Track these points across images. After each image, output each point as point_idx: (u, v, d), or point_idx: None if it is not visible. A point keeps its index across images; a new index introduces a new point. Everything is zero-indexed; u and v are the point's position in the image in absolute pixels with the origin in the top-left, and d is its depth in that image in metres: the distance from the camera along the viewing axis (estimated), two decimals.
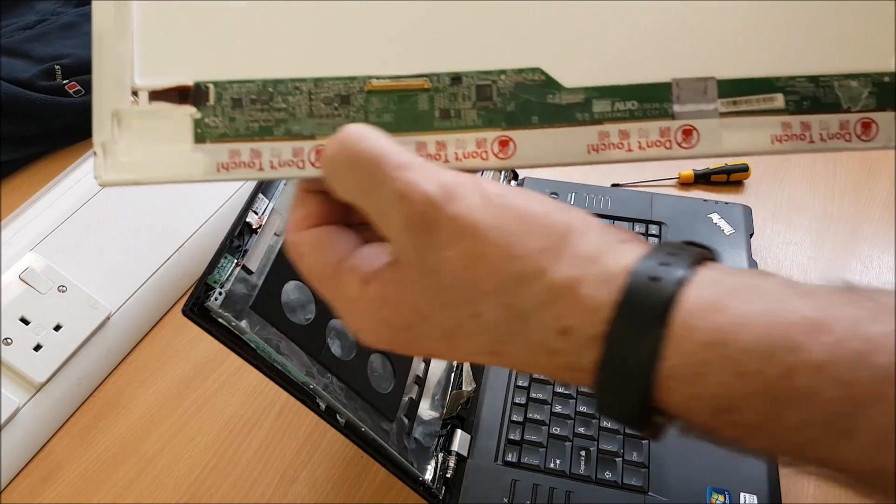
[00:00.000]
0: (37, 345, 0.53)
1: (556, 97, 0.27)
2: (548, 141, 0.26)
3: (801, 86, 0.27)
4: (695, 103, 0.27)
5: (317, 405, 0.40)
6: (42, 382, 0.53)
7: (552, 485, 0.46)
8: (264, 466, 0.52)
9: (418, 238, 0.23)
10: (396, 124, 0.26)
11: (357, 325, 0.25)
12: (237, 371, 0.58)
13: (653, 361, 0.21)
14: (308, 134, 0.26)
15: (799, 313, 0.20)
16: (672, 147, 0.27)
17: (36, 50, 0.76)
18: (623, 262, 0.22)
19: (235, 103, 0.26)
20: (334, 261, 0.25)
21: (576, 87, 0.27)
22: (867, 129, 0.27)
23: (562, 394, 0.51)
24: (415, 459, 0.45)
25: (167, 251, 0.62)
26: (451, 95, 0.26)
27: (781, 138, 0.27)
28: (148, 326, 0.62)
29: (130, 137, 0.25)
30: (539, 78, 0.27)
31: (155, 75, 0.26)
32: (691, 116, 0.27)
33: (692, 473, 0.46)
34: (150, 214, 0.61)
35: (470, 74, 0.27)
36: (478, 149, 0.26)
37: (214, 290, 0.37)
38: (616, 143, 0.26)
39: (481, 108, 0.26)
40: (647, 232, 0.62)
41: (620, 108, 0.27)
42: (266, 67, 0.26)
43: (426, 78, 0.26)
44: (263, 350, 0.38)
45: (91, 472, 0.52)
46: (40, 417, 0.53)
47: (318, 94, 0.26)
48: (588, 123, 0.26)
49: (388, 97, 0.26)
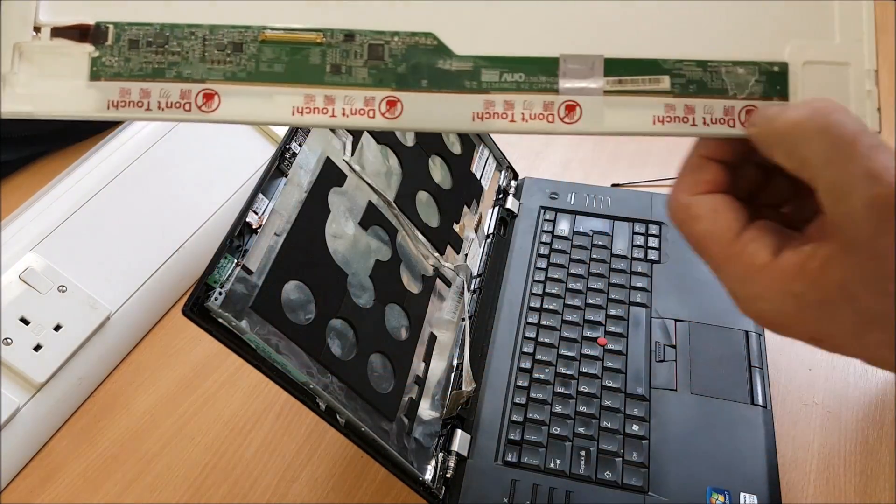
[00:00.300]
0: (37, 345, 0.53)
1: (447, 63, 0.27)
2: (435, 105, 0.27)
3: (689, 69, 0.27)
4: (581, 80, 0.27)
5: (317, 405, 0.40)
6: (42, 382, 0.53)
7: (552, 485, 0.46)
8: (264, 466, 0.52)
9: (878, 220, 0.22)
10: (287, 75, 0.27)
11: (754, 292, 0.26)
12: (237, 371, 0.58)
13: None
14: (198, 77, 0.27)
15: None
16: (554, 121, 0.27)
17: None
18: None
19: (132, 44, 0.27)
20: (736, 227, 0.26)
21: (466, 55, 0.27)
22: (751, 116, 0.27)
23: (562, 394, 0.51)
24: (415, 459, 0.45)
25: (167, 251, 0.62)
26: (343, 52, 0.27)
27: (663, 119, 0.27)
28: (148, 326, 0.62)
29: (30, 71, 0.27)
30: (431, 43, 0.27)
31: (58, 13, 0.27)
32: (576, 93, 0.27)
33: (692, 473, 0.46)
34: (150, 214, 0.61)
35: (364, 33, 0.27)
36: (365, 106, 0.27)
37: (214, 290, 0.37)
38: (500, 113, 0.27)
39: (372, 66, 0.27)
40: (646, 232, 0.62)
41: (508, 80, 0.27)
42: (165, 12, 0.27)
43: (320, 32, 0.27)
44: (263, 350, 0.38)
45: (91, 472, 0.52)
46: (40, 417, 0.53)
47: (213, 40, 0.27)
48: (475, 92, 0.27)
49: (281, 48, 0.27)
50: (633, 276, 0.59)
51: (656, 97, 0.27)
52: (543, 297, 0.58)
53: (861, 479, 0.48)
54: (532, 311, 0.57)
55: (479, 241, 0.61)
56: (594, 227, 0.63)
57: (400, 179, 0.53)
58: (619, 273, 0.59)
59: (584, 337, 0.55)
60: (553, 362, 0.53)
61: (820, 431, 0.50)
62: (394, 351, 0.47)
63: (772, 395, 0.50)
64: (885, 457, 0.48)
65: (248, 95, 0.27)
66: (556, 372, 0.53)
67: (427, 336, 0.52)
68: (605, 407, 0.50)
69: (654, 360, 0.53)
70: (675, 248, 0.60)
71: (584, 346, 0.54)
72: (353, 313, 0.45)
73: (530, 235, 0.63)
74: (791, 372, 0.53)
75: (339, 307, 0.44)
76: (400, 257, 0.51)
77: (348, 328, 0.45)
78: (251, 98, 0.27)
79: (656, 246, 0.61)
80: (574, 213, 0.64)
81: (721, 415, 0.49)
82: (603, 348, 0.54)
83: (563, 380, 0.52)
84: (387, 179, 0.52)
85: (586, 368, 0.53)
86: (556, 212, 0.64)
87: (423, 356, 0.50)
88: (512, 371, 0.53)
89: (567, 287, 0.58)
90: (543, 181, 0.67)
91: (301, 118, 0.27)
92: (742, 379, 0.51)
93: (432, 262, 0.55)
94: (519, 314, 0.57)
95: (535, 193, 0.66)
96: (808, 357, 0.54)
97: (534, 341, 0.55)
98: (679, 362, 0.52)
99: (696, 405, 0.50)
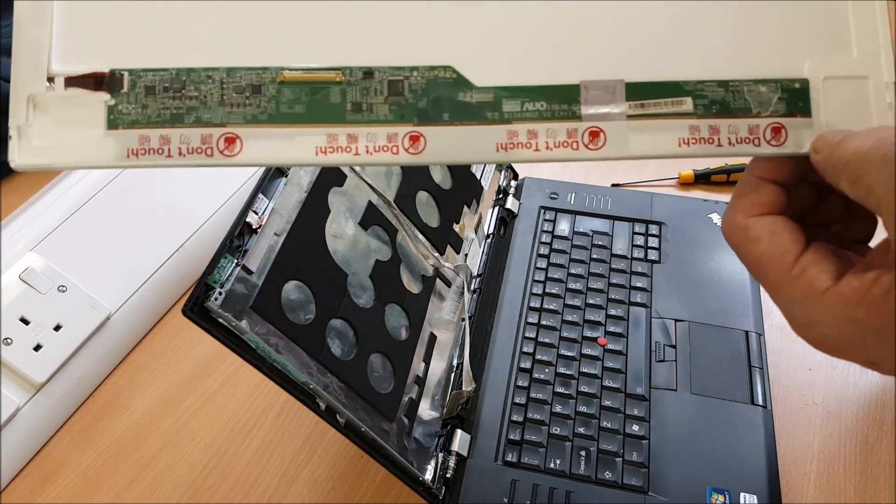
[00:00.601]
0: (37, 345, 0.53)
1: (467, 95, 0.27)
2: (458, 138, 0.27)
3: (711, 90, 0.27)
4: (603, 105, 0.27)
5: (317, 405, 0.40)
6: (42, 382, 0.53)
7: (552, 485, 0.46)
8: (264, 466, 0.52)
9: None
10: (308, 115, 0.27)
11: (813, 317, 0.25)
12: (237, 371, 0.58)
13: None
14: (218, 122, 0.26)
15: None
16: (579, 148, 0.27)
17: None
18: None
19: (148, 91, 0.26)
20: (796, 250, 0.26)
21: (486, 86, 0.27)
22: (777, 134, 0.27)
23: (562, 394, 0.51)
24: (415, 459, 0.45)
25: (167, 251, 0.62)
26: (363, 89, 0.27)
27: (689, 141, 0.27)
28: (148, 326, 0.62)
29: (45, 122, 0.26)
30: (450, 76, 0.27)
31: (71, 62, 0.26)
32: (599, 119, 0.27)
33: (692, 473, 0.46)
34: (150, 214, 0.61)
35: (382, 69, 0.27)
36: (388, 143, 0.27)
37: (214, 290, 0.37)
38: (524, 143, 0.27)
39: (393, 102, 0.27)
40: (646, 232, 0.62)
41: (529, 109, 0.27)
42: (180, 57, 0.27)
43: (339, 71, 0.27)
44: (263, 350, 0.38)
45: (91, 472, 0.52)
46: (40, 417, 0.53)
47: (230, 83, 0.27)
48: (497, 123, 0.27)
49: (301, 88, 0.27)
50: (633, 276, 0.59)
51: (680, 119, 0.27)
52: (543, 297, 0.58)
53: (861, 479, 0.48)
54: (532, 311, 0.57)
55: (479, 241, 0.61)
56: (594, 227, 0.63)
57: (400, 179, 0.53)
58: (619, 273, 0.59)
59: (584, 337, 0.55)
60: (553, 362, 0.53)
61: (820, 431, 0.50)
62: (394, 351, 0.47)
63: (772, 395, 0.50)
64: (885, 457, 0.48)
65: (270, 138, 0.27)
66: (556, 372, 0.53)
67: (427, 336, 0.52)
68: (605, 407, 0.50)
69: (654, 360, 0.53)
70: (675, 248, 0.61)
71: (584, 345, 0.54)
72: (353, 313, 0.45)
73: (530, 235, 0.63)
74: (791, 372, 0.53)
75: (339, 307, 0.44)
76: (400, 257, 0.51)
77: (348, 328, 0.45)
78: (273, 140, 0.27)
79: (656, 246, 0.61)
80: (574, 213, 0.64)
81: (721, 415, 0.49)
82: (603, 348, 0.54)
83: (563, 380, 0.52)
84: (387, 179, 0.52)
85: (586, 368, 0.53)
86: (556, 212, 0.64)
87: (423, 356, 0.50)
88: (512, 371, 0.53)
89: (567, 287, 0.58)
90: (543, 181, 0.67)
91: (325, 158, 0.27)
92: (742, 379, 0.51)
93: (432, 262, 0.55)
94: (519, 314, 0.57)
95: (535, 193, 0.66)
96: (808, 357, 0.54)
97: (534, 341, 0.55)
98: (679, 362, 0.52)
99: (696, 405, 0.50)
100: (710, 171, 0.69)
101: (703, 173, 0.69)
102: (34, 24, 0.27)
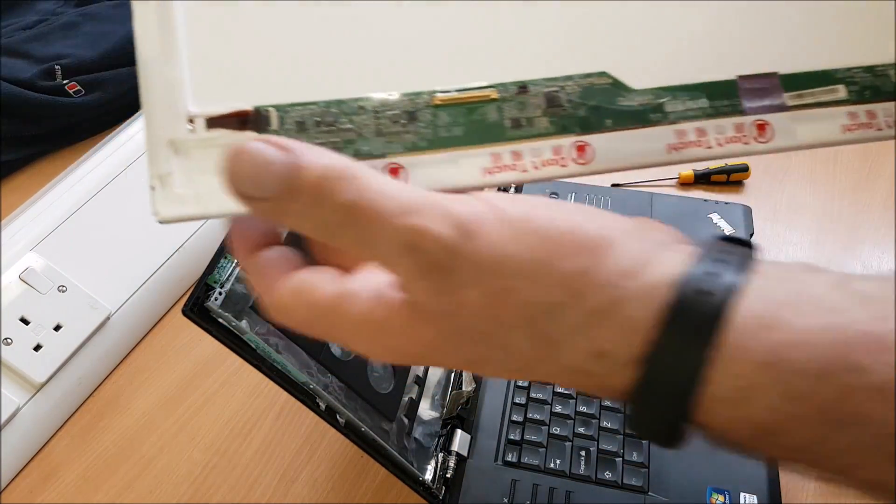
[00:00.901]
0: (37, 345, 0.53)
1: (627, 99, 0.26)
2: (625, 143, 0.26)
3: (860, 76, 0.27)
4: (763, 98, 0.27)
5: (317, 405, 0.40)
6: (42, 382, 0.53)
7: (552, 485, 0.46)
8: (264, 466, 0.52)
9: (434, 283, 0.21)
10: (467, 137, 0.25)
11: (364, 349, 0.24)
12: (237, 371, 0.58)
13: (696, 383, 0.20)
14: (378, 153, 0.25)
15: (858, 328, 0.19)
16: (750, 142, 0.26)
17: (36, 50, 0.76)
18: (666, 274, 0.20)
19: (300, 126, 0.24)
20: (332, 288, 0.23)
21: (644, 88, 0.26)
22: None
23: (562, 394, 0.51)
24: (415, 459, 0.45)
25: (167, 251, 0.62)
26: (519, 104, 0.26)
27: (851, 127, 0.27)
28: (148, 326, 0.62)
29: (189, 168, 0.24)
30: (606, 81, 0.26)
31: (210, 101, 0.24)
32: (763, 111, 0.27)
33: (692, 473, 0.46)
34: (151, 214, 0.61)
35: (537, 82, 0.26)
36: (555, 156, 0.26)
37: (214, 290, 0.37)
38: (694, 142, 0.26)
39: (552, 114, 0.26)
40: None
41: (692, 107, 0.26)
42: (326, 88, 0.25)
43: (493, 88, 0.26)
44: (263, 350, 0.38)
45: (91, 472, 0.52)
46: (40, 417, 0.53)
47: (384, 112, 0.25)
48: (663, 124, 0.26)
49: (456, 110, 0.26)
50: None
51: (837, 107, 0.27)
52: None
53: None
54: None
55: None
56: None
57: None
58: None
59: None
60: None
61: None
62: None
63: None
64: None
65: (434, 164, 0.25)
66: None
67: None
68: (604, 407, 0.50)
69: None
70: None
71: None
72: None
73: None
74: None
75: None
76: None
77: None
78: (437, 167, 0.25)
79: None
80: None
81: None
82: None
83: None
84: None
85: None
86: None
87: None
88: None
89: None
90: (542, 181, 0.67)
91: (493, 178, 0.25)
92: None
93: None
94: None
95: (535, 193, 0.66)
96: None
97: None
98: None
99: None
100: (710, 171, 0.69)
101: (703, 173, 0.69)
102: (163, 64, 0.24)
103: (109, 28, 0.78)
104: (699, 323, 0.20)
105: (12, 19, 0.81)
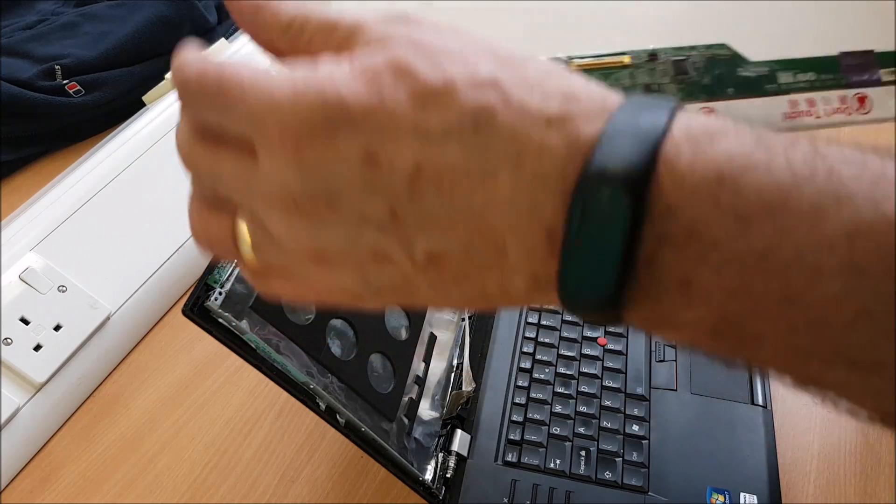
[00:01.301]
0: (37, 345, 0.53)
1: (746, 70, 0.28)
2: (746, 110, 0.28)
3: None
4: (863, 73, 0.28)
5: (317, 405, 0.40)
6: (42, 382, 0.53)
7: (552, 485, 0.46)
8: (264, 466, 0.52)
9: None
10: None
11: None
12: (237, 371, 0.58)
13: (664, 130, 0.19)
14: None
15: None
16: (852, 114, 0.28)
17: (36, 50, 0.76)
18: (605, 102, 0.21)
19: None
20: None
21: (761, 60, 0.28)
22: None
23: (562, 394, 0.51)
24: (415, 459, 0.45)
25: (167, 251, 0.62)
26: (650, 71, 0.28)
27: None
28: (148, 326, 0.62)
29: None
30: (726, 53, 0.28)
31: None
32: (863, 85, 0.28)
33: (692, 473, 0.46)
34: (150, 214, 0.61)
35: (665, 51, 0.28)
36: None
37: (214, 290, 0.37)
38: (806, 111, 0.28)
39: (680, 81, 0.28)
40: None
41: (802, 80, 0.28)
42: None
43: (626, 55, 0.28)
44: (263, 350, 0.38)
45: (91, 472, 0.52)
46: (40, 417, 0.53)
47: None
48: (777, 94, 0.28)
49: (592, 75, 0.27)
50: None
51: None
52: None
53: (861, 479, 0.47)
54: (532, 311, 0.57)
55: None
56: None
57: None
58: None
59: (584, 337, 0.55)
60: (553, 362, 0.53)
61: (820, 431, 0.50)
62: (394, 351, 0.47)
63: (772, 395, 0.50)
64: (885, 457, 0.48)
65: None
66: (556, 372, 0.53)
67: (427, 336, 0.52)
68: (605, 407, 0.50)
69: (654, 359, 0.53)
70: None
71: (584, 345, 0.54)
72: (353, 313, 0.45)
73: None
74: None
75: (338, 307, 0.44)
76: None
77: (348, 328, 0.45)
78: None
79: None
80: None
81: (721, 415, 0.49)
82: (603, 348, 0.54)
83: (563, 380, 0.52)
84: None
85: (586, 368, 0.53)
86: None
87: (423, 356, 0.50)
88: (512, 371, 0.53)
89: None
90: None
91: None
92: (742, 379, 0.51)
93: None
94: (519, 314, 0.57)
95: None
96: None
97: (534, 341, 0.55)
98: (679, 362, 0.52)
99: (696, 405, 0.50)
100: None
101: None
102: None
103: (109, 28, 0.78)
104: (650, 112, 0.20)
105: (12, 19, 0.81)
